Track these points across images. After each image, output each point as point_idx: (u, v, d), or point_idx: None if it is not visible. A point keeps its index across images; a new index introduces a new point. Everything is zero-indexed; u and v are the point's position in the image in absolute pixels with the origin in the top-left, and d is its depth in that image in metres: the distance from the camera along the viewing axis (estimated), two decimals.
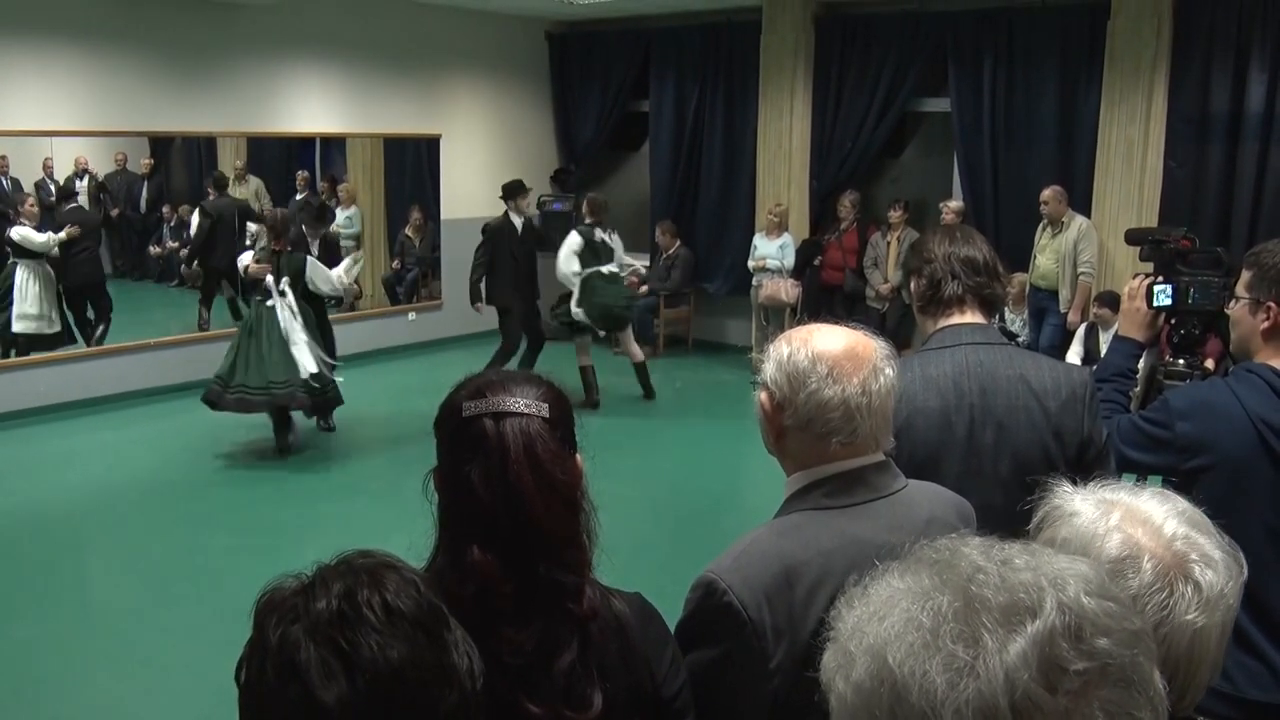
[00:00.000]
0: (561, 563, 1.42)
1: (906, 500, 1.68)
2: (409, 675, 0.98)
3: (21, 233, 7.93)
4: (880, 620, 0.80)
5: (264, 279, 6.86)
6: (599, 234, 8.18)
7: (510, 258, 8.16)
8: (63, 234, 8.15)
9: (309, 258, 7.13)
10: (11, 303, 8.03)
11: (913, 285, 2.40)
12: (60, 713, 4.05)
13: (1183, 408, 2.30)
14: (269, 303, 6.82)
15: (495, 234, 8.18)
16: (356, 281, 6.98)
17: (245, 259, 7.11)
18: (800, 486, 1.68)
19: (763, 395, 1.69)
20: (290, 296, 6.85)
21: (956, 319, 2.31)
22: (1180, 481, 2.27)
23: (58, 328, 8.24)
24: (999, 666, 0.73)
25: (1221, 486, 2.20)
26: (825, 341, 1.65)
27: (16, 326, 8.05)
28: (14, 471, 6.74)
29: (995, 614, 0.76)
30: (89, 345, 8.37)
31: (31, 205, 7.98)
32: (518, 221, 8.27)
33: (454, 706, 1.01)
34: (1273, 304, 2.27)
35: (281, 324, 6.77)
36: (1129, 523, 1.14)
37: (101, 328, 8.50)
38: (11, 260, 8.04)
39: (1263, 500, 2.22)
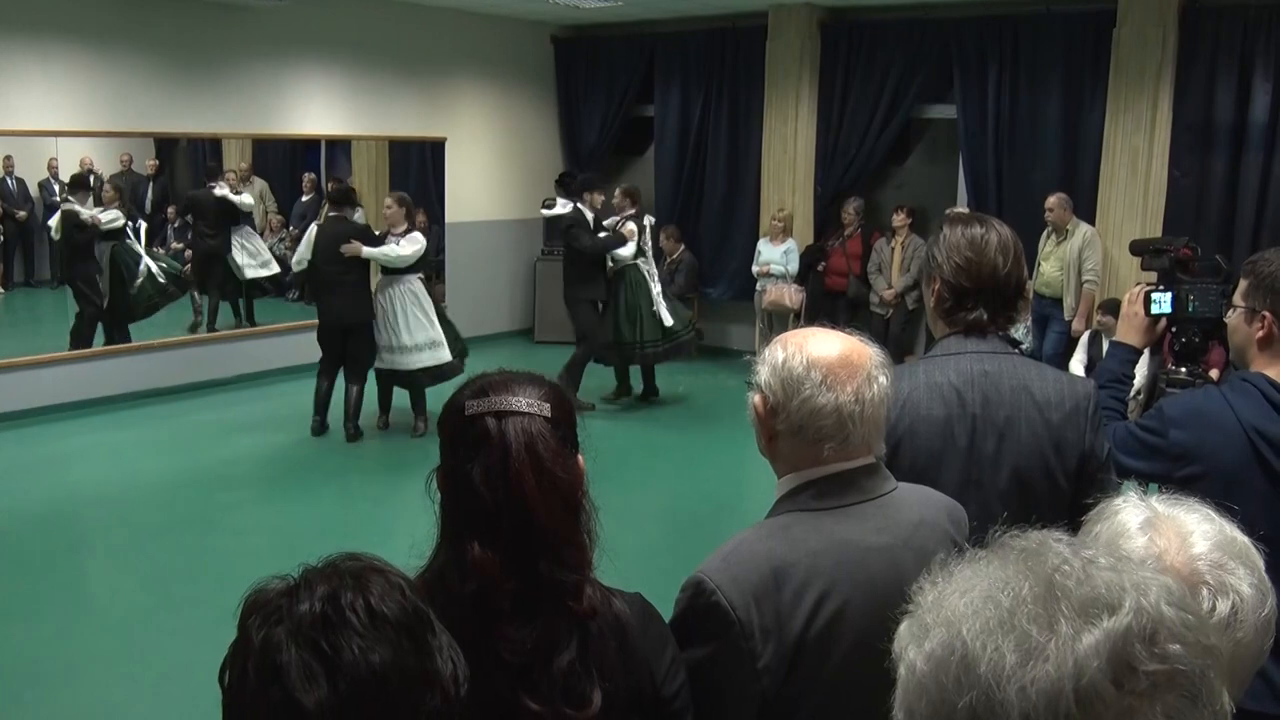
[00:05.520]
0: (562, 561, 1.42)
1: (896, 502, 1.69)
2: (391, 679, 0.98)
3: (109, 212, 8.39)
4: (960, 596, 0.82)
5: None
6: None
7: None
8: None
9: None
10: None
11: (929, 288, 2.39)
12: (62, 715, 4.05)
13: (1177, 416, 2.30)
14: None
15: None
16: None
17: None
18: (790, 488, 1.68)
19: (756, 399, 1.69)
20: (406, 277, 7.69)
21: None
22: (1173, 490, 2.26)
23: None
24: (1070, 653, 0.75)
25: (1213, 496, 2.18)
26: (820, 347, 1.65)
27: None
28: (15, 472, 6.74)
29: (1074, 604, 0.78)
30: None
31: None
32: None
33: (436, 711, 1.01)
34: (1267, 313, 2.26)
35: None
36: (1161, 533, 1.15)
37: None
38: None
39: (1254, 510, 2.21)
